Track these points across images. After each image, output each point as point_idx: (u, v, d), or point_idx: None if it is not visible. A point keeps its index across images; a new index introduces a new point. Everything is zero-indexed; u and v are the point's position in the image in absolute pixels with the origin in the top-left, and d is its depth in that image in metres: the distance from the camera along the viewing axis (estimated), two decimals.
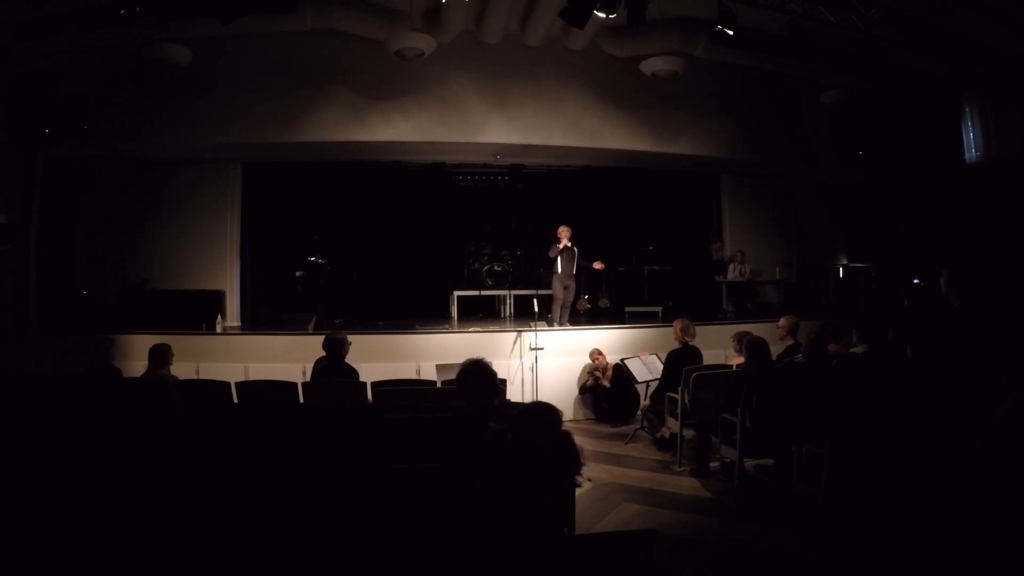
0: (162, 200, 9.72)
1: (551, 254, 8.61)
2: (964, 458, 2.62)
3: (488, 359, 3.40)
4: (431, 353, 7.45)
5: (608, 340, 8.13)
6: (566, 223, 8.83)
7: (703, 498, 4.98)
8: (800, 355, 5.58)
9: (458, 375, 3.28)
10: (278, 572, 1.89)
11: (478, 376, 3.21)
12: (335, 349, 5.56)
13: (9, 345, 7.52)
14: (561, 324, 8.54)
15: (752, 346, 5.10)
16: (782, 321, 6.51)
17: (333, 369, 5.51)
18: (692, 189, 11.61)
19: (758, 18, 7.50)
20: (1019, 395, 2.53)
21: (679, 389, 5.79)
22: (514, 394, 7.18)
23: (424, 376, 6.90)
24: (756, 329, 6.79)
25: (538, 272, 10.33)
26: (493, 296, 10.94)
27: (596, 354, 7.67)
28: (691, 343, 6.55)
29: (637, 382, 6.98)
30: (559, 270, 8.61)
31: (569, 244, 8.62)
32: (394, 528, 2.46)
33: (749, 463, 5.05)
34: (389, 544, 2.25)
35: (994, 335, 3.31)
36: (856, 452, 3.49)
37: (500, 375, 3.51)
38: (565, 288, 8.66)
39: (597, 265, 8.85)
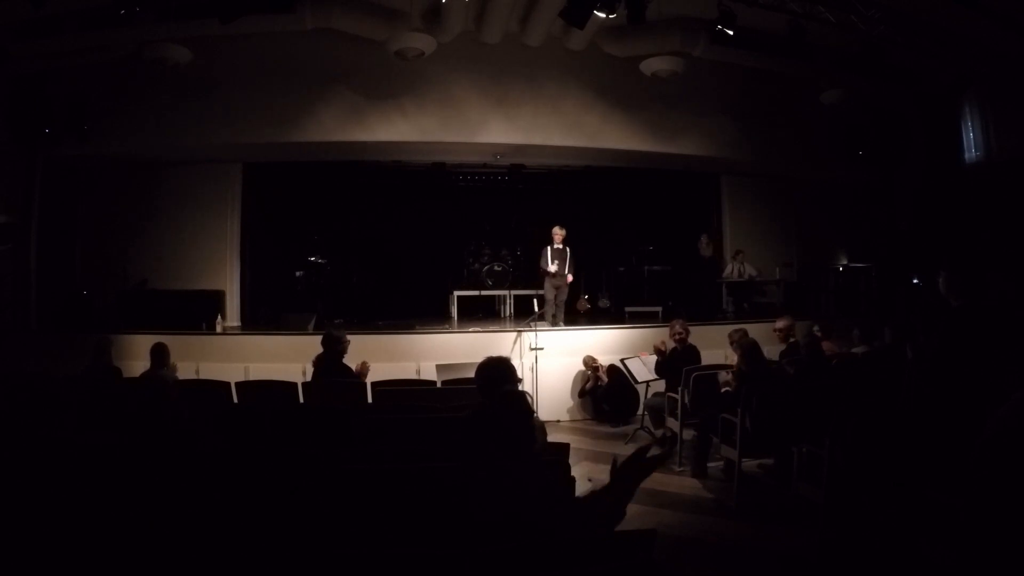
0: (162, 200, 9.72)
1: (543, 264, 8.75)
2: (964, 458, 2.62)
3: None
4: (431, 353, 7.44)
5: (608, 340, 8.13)
6: (562, 224, 8.91)
7: (703, 498, 4.98)
8: (800, 353, 5.59)
9: (476, 371, 3.25)
10: (279, 572, 1.89)
11: (492, 371, 3.18)
12: (332, 346, 5.57)
13: (9, 345, 7.52)
14: (552, 324, 8.54)
15: (744, 350, 5.11)
16: (779, 323, 6.53)
17: (330, 368, 5.52)
18: (692, 189, 11.61)
19: (758, 18, 7.49)
20: (1020, 396, 2.53)
21: (679, 389, 5.81)
22: None
23: (424, 376, 6.90)
24: (755, 329, 6.81)
25: (538, 272, 10.36)
26: (493, 296, 10.93)
27: (591, 360, 7.70)
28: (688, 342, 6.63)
29: (637, 382, 6.98)
30: (551, 271, 8.72)
31: (562, 246, 8.71)
32: (394, 528, 2.46)
33: (749, 463, 5.05)
34: (389, 544, 2.25)
35: (994, 336, 3.31)
36: (856, 452, 3.49)
37: None
38: (556, 288, 8.70)
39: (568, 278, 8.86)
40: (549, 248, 8.79)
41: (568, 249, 8.81)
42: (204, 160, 9.71)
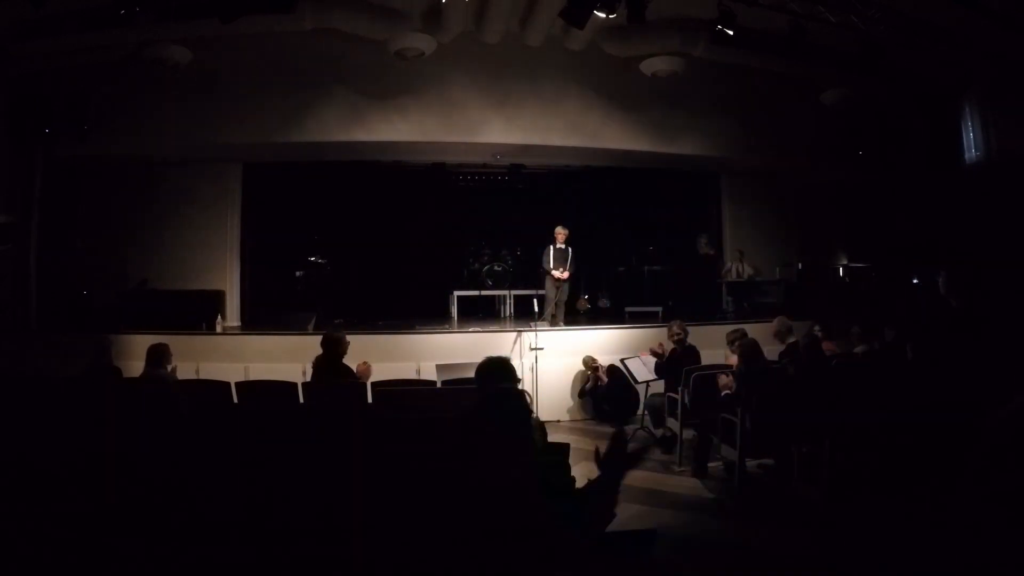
0: (162, 200, 9.73)
1: (544, 264, 8.78)
2: (965, 458, 2.62)
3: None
4: (431, 353, 7.44)
5: (608, 340, 8.13)
6: (564, 223, 8.92)
7: (703, 498, 4.98)
8: (800, 353, 5.59)
9: (476, 371, 3.23)
10: (278, 571, 1.90)
11: (491, 371, 3.17)
12: (331, 347, 5.56)
13: (9, 345, 7.51)
14: (553, 323, 8.54)
15: (744, 350, 5.10)
16: (773, 326, 6.55)
17: (330, 368, 5.51)
18: (692, 189, 11.60)
19: (758, 18, 7.49)
20: (1022, 398, 2.53)
21: (679, 389, 5.81)
22: None
23: (424, 376, 6.90)
24: (755, 329, 6.81)
25: (538, 272, 10.36)
26: (493, 296, 10.93)
27: (591, 360, 7.71)
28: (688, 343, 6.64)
29: (637, 382, 6.98)
30: (551, 270, 8.73)
31: (564, 246, 8.73)
32: (395, 528, 2.46)
33: (749, 463, 5.05)
34: (390, 544, 2.25)
35: (994, 336, 3.31)
36: (856, 452, 3.49)
37: None
38: (557, 288, 8.71)
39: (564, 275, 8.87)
40: (552, 248, 8.82)
41: (570, 249, 8.86)
42: (204, 160, 9.71)
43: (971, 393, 3.16)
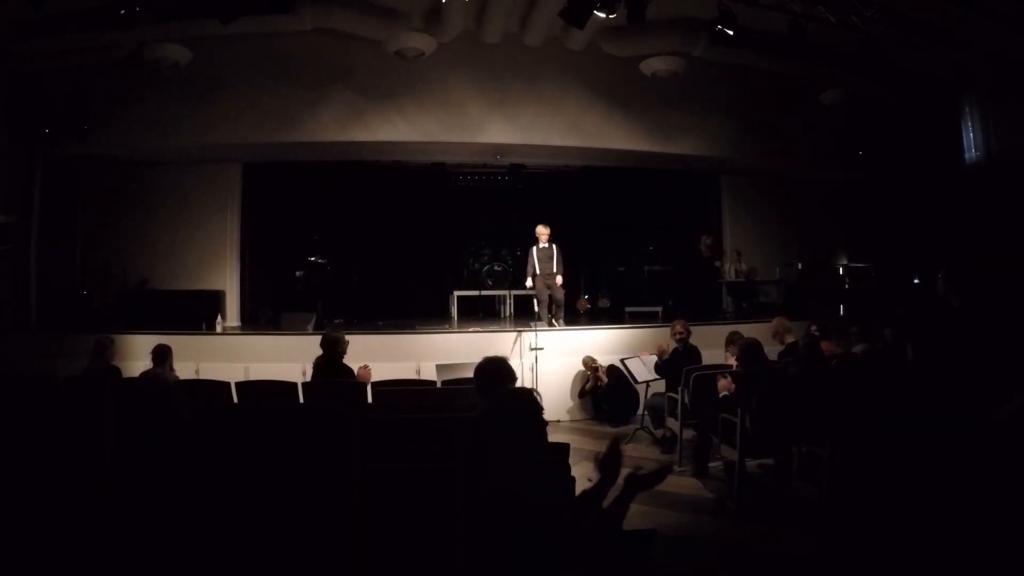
0: (162, 200, 9.72)
1: (528, 268, 8.71)
2: (965, 458, 2.62)
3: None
4: (431, 353, 7.45)
5: (608, 340, 8.13)
6: (548, 223, 8.83)
7: (703, 498, 4.98)
8: (799, 353, 5.59)
9: (475, 372, 3.23)
10: (279, 572, 1.90)
11: (491, 372, 3.17)
12: (330, 347, 5.56)
13: (9, 345, 7.52)
14: (549, 324, 8.47)
15: (746, 349, 5.10)
16: (774, 324, 6.56)
17: (330, 368, 5.51)
18: (692, 189, 11.60)
19: (758, 18, 7.49)
20: (1022, 397, 2.53)
21: (679, 389, 5.81)
22: None
23: (424, 376, 6.90)
24: (754, 329, 6.81)
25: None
26: (493, 296, 10.94)
27: (590, 361, 7.70)
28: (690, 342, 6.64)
29: (637, 382, 6.98)
30: (537, 271, 8.63)
31: (547, 244, 8.65)
32: (395, 528, 2.46)
33: (750, 463, 5.05)
34: (390, 545, 2.25)
35: (995, 336, 3.31)
36: (856, 452, 3.49)
37: None
38: (547, 287, 8.62)
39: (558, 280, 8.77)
40: (535, 248, 8.70)
41: (555, 246, 8.70)
42: (204, 160, 9.71)
43: (971, 392, 3.16)
